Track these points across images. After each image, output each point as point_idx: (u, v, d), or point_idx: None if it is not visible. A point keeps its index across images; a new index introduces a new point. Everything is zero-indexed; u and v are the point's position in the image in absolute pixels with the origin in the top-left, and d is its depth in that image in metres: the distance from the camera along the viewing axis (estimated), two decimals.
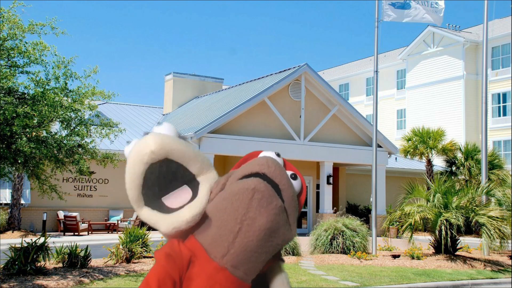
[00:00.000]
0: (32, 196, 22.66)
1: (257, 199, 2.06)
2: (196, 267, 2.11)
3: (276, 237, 2.09)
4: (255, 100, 23.36)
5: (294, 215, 2.15)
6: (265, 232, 2.06)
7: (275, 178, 2.13)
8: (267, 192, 2.07)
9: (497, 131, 36.23)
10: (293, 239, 2.14)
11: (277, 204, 2.08)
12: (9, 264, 10.97)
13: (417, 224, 14.97)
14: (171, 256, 2.09)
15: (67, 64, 11.52)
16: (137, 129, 28.98)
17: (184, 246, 2.12)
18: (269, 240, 2.08)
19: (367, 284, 11.46)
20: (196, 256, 2.12)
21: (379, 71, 18.40)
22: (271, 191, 2.09)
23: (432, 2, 17.89)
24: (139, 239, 13.43)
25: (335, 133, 25.55)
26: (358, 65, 50.32)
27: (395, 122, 44.07)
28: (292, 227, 2.14)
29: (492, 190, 16.64)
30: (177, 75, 33.74)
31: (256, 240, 2.06)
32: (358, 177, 30.77)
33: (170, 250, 2.10)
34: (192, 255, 2.12)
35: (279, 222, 2.08)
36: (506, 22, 38.10)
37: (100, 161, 13.17)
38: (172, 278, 2.07)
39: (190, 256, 2.11)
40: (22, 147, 10.49)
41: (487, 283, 12.59)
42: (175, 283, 2.08)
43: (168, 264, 2.08)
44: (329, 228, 16.10)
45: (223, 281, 2.08)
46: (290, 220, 2.13)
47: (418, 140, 28.73)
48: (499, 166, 28.15)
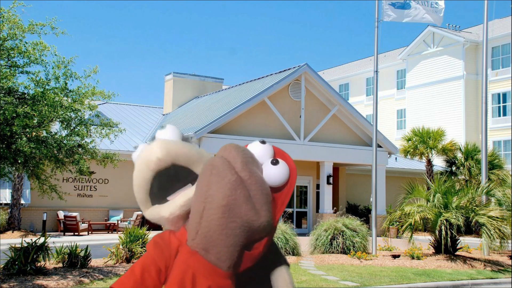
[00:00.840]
0: (32, 196, 22.67)
1: (215, 174, 2.09)
2: (179, 254, 2.16)
3: (238, 216, 2.07)
4: (255, 100, 23.37)
5: (260, 199, 2.12)
6: (223, 209, 2.06)
7: (230, 159, 2.15)
8: (221, 167, 2.10)
9: (497, 131, 36.23)
10: (264, 225, 2.10)
11: (230, 178, 2.08)
12: (9, 264, 10.96)
13: (417, 224, 14.97)
14: (158, 244, 2.17)
15: (67, 64, 11.52)
16: (137, 129, 28.98)
17: (174, 236, 2.18)
18: (230, 220, 2.07)
19: (367, 284, 11.46)
20: (182, 244, 2.17)
21: (379, 71, 18.40)
22: (225, 166, 2.11)
23: (432, 2, 17.88)
24: (139, 239, 13.43)
25: (335, 133, 25.55)
26: (358, 65, 50.32)
27: (395, 122, 44.07)
28: (260, 210, 2.11)
29: (492, 190, 16.63)
30: (177, 75, 33.74)
31: (217, 219, 2.06)
32: (358, 177, 30.77)
33: (160, 239, 2.19)
34: (180, 244, 2.16)
35: (237, 199, 2.07)
36: (506, 22, 38.10)
37: (100, 161, 13.16)
38: (157, 265, 2.13)
39: (178, 245, 2.16)
40: (22, 147, 10.49)
41: (487, 283, 12.58)
42: (160, 271, 2.13)
43: (155, 252, 2.15)
44: (329, 228, 16.09)
45: (196, 265, 2.11)
46: (256, 203, 2.11)
47: (418, 140, 28.73)
48: (499, 166, 28.15)
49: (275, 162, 2.21)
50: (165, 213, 2.23)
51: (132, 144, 25.94)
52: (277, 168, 2.20)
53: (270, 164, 2.21)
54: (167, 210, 2.22)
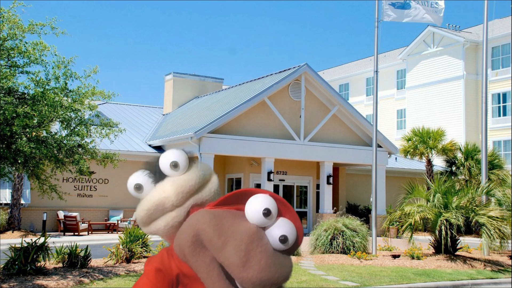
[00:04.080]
0: (32, 196, 22.66)
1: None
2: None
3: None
4: (255, 100, 23.36)
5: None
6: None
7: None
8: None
9: (497, 131, 36.22)
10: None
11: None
12: (9, 264, 10.96)
13: (417, 224, 14.97)
14: (161, 271, 2.13)
15: (67, 64, 11.52)
16: (137, 129, 28.98)
17: (174, 262, 2.14)
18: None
19: (367, 284, 11.46)
20: (183, 273, 2.14)
21: (379, 71, 18.40)
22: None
23: (432, 2, 17.88)
24: (139, 239, 13.43)
25: (335, 133, 25.55)
26: (358, 65, 50.31)
27: (395, 122, 44.07)
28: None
29: (492, 190, 16.63)
30: (177, 75, 33.73)
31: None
32: (358, 177, 30.76)
33: (161, 265, 2.14)
34: (180, 272, 2.14)
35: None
36: (506, 22, 38.09)
37: (100, 161, 13.17)
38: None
39: (178, 273, 2.14)
40: (22, 147, 10.49)
41: (487, 283, 12.58)
42: None
43: (157, 279, 2.11)
44: (329, 228, 16.09)
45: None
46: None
47: (418, 140, 28.72)
48: (499, 166, 28.15)
49: (283, 239, 2.02)
50: (160, 225, 2.26)
51: (132, 144, 25.95)
52: (286, 245, 2.04)
53: (278, 241, 2.02)
54: (162, 222, 2.26)
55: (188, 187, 2.25)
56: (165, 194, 2.24)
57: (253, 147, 23.11)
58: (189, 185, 2.26)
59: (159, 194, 2.25)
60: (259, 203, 2.02)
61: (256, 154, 23.43)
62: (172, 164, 2.24)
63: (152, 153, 25.58)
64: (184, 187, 2.25)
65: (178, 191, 2.24)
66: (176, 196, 2.23)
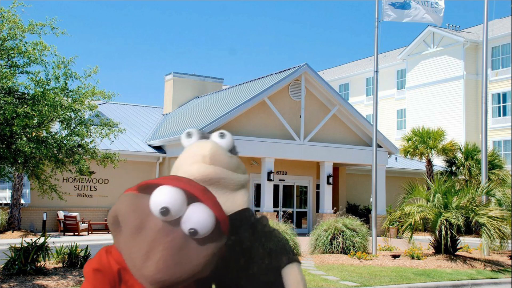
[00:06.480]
0: (32, 196, 22.66)
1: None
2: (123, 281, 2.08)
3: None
4: (255, 100, 23.36)
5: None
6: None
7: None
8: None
9: (497, 131, 36.22)
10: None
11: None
12: (9, 264, 10.96)
13: (417, 224, 14.97)
14: (99, 271, 2.04)
15: (67, 64, 11.51)
16: (137, 129, 28.98)
17: (112, 258, 2.05)
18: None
19: (367, 284, 11.46)
20: (124, 269, 2.08)
21: (379, 71, 18.39)
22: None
23: (432, 2, 17.88)
24: None
25: (335, 133, 25.55)
26: (358, 65, 50.31)
27: (395, 122, 44.07)
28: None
29: (492, 190, 16.63)
30: (177, 75, 33.73)
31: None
32: (358, 177, 30.76)
33: (99, 265, 2.06)
34: (121, 268, 2.06)
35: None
36: (506, 22, 38.09)
37: (100, 161, 13.16)
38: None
39: (119, 268, 2.04)
40: (22, 147, 10.48)
41: (487, 283, 12.58)
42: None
43: (96, 280, 2.03)
44: (329, 228, 16.09)
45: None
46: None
47: (418, 140, 28.72)
48: (499, 166, 28.15)
49: (193, 232, 1.96)
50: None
51: (132, 144, 25.94)
52: (198, 236, 1.99)
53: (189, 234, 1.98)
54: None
55: (223, 157, 2.57)
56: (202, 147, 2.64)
57: (253, 147, 23.11)
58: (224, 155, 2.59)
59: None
60: (157, 202, 1.94)
61: (256, 154, 23.42)
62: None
63: (152, 153, 25.58)
64: (219, 151, 2.60)
65: (213, 150, 2.62)
66: (210, 151, 2.64)
